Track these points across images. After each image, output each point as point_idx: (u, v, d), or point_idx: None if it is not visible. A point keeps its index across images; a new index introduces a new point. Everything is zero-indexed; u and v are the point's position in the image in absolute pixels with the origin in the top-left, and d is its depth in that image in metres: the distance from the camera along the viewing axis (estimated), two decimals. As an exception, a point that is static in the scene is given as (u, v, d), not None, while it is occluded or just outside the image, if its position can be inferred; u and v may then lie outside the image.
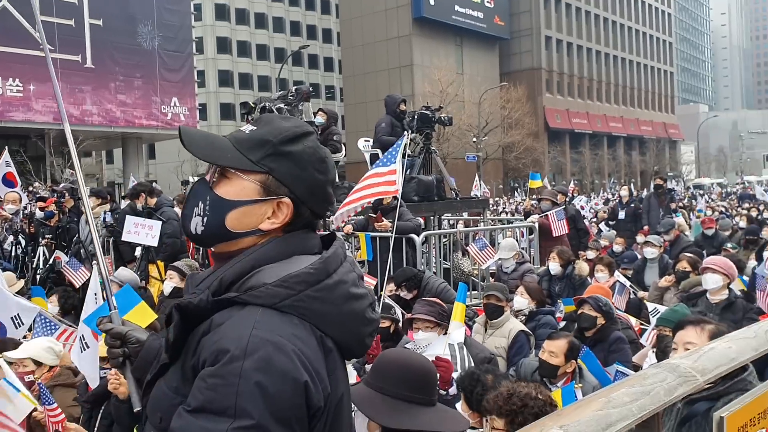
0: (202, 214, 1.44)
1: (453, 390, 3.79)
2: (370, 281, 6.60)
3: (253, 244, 1.44)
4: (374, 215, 7.76)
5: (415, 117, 9.71)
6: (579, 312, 5.10)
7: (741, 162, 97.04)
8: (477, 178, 19.09)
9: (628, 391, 1.69)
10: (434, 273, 7.88)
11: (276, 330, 1.29)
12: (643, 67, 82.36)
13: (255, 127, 1.49)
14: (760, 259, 9.17)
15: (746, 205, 22.24)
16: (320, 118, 9.75)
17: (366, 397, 2.40)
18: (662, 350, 3.64)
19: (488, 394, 3.08)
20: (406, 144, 7.70)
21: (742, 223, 15.27)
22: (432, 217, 9.96)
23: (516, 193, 41.82)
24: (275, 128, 1.47)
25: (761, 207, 21.26)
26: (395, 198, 7.16)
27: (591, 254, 9.62)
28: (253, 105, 9.34)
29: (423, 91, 52.21)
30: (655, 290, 7.32)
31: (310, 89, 9.94)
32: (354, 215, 7.33)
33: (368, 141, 11.17)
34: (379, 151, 10.02)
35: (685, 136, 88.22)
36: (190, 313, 1.36)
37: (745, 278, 6.77)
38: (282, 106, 8.50)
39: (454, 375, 3.90)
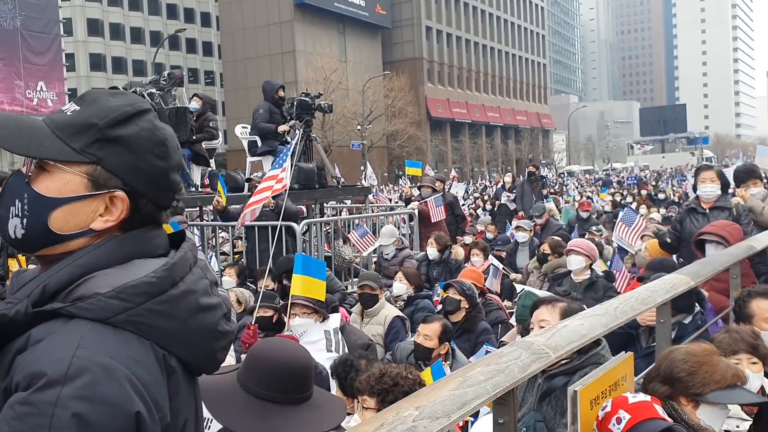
0: (20, 214, 1.22)
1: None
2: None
3: (85, 246, 1.23)
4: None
5: (295, 104, 9.59)
6: (445, 296, 5.21)
7: (608, 150, 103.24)
8: (368, 166, 19.10)
9: (483, 370, 1.74)
10: (316, 260, 7.86)
11: (107, 350, 1.09)
12: (519, 59, 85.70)
13: (78, 107, 1.25)
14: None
15: (611, 191, 23.70)
16: (195, 104, 9.47)
17: (229, 397, 2.10)
18: (525, 328, 3.83)
19: (361, 376, 3.11)
20: (297, 141, 7.60)
21: (608, 207, 16.30)
22: (313, 205, 9.93)
23: (400, 181, 42.40)
24: (101, 108, 1.23)
25: (624, 192, 22.78)
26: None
27: (468, 239, 9.96)
28: (123, 90, 8.91)
29: (306, 78, 51.86)
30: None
31: (184, 73, 9.63)
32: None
33: (246, 128, 10.96)
34: (257, 138, 9.86)
35: (556, 125, 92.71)
36: (3, 327, 1.14)
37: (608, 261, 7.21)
38: (154, 91, 8.15)
39: (329, 360, 3.91)
